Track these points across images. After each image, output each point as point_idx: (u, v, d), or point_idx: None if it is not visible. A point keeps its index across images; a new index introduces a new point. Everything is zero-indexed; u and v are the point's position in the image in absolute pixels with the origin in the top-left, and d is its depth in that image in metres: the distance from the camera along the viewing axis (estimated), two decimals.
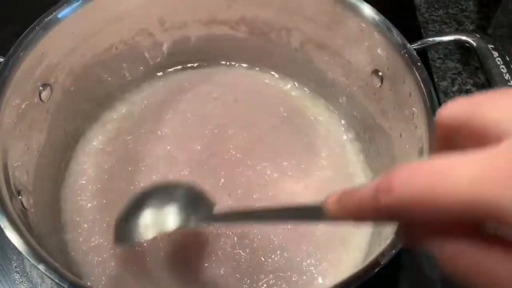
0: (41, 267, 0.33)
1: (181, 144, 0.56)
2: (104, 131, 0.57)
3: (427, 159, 0.19)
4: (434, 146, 0.22)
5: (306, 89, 0.61)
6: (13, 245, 0.50)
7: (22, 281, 0.50)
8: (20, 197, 0.42)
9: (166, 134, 0.57)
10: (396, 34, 0.47)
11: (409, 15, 0.75)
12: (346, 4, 0.50)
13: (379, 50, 0.49)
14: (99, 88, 0.57)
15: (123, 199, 0.51)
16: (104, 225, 0.50)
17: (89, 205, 0.51)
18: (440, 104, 0.47)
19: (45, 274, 0.33)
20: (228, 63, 0.63)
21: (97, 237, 0.50)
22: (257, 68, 0.63)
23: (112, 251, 0.49)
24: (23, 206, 0.41)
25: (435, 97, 0.43)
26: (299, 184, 0.53)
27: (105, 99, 0.58)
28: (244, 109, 0.59)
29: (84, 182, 0.53)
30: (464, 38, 0.45)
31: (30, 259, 0.34)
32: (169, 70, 0.62)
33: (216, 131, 0.57)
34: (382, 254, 0.34)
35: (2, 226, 0.35)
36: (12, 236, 0.35)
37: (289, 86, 0.62)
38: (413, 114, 0.45)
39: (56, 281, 0.33)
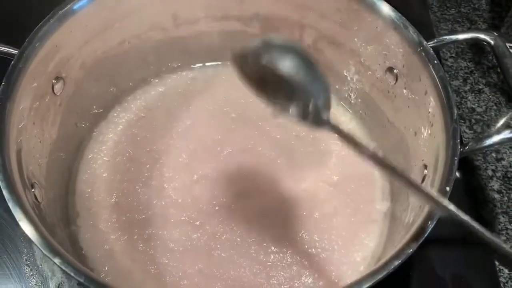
0: (56, 260, 0.33)
1: (195, 139, 0.56)
2: (115, 125, 0.57)
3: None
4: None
5: None
6: (24, 238, 0.51)
7: (32, 274, 0.50)
8: (33, 190, 0.41)
9: (178, 130, 0.57)
10: (413, 32, 0.46)
11: (421, 14, 0.74)
12: (362, 1, 0.50)
13: (394, 48, 0.49)
14: (110, 82, 0.57)
15: (136, 194, 0.52)
16: (116, 219, 0.50)
17: (101, 199, 0.51)
18: None
19: (61, 268, 0.33)
20: None
21: (109, 232, 0.50)
22: None
23: (123, 246, 0.49)
24: (36, 199, 0.41)
25: (452, 94, 0.43)
26: (312, 180, 0.53)
27: (116, 93, 0.58)
28: (256, 109, 0.58)
29: (95, 175, 0.53)
30: (482, 36, 0.44)
31: (45, 253, 0.33)
32: (182, 66, 0.61)
33: (228, 128, 0.57)
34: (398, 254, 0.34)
35: (17, 219, 0.35)
36: (28, 228, 0.35)
37: None
38: (429, 112, 0.45)
39: (72, 274, 0.32)
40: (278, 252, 0.49)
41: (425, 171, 0.44)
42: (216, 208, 0.51)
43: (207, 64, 0.62)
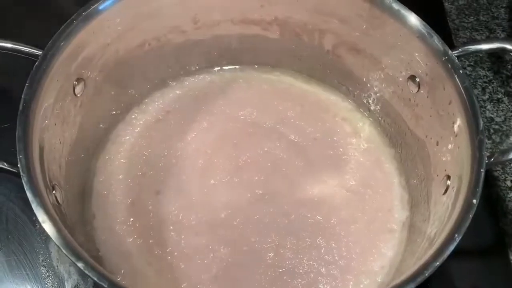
0: (80, 264, 0.33)
1: (212, 143, 0.55)
2: (133, 127, 0.56)
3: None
4: None
5: (336, 92, 0.60)
6: (41, 239, 0.51)
7: (48, 275, 0.50)
8: (54, 191, 0.41)
9: (195, 133, 0.56)
10: (437, 41, 0.46)
11: (439, 22, 0.74)
12: (385, 7, 0.49)
13: (418, 56, 0.48)
14: (129, 84, 0.57)
15: (152, 197, 0.51)
16: (132, 222, 0.50)
17: (117, 201, 0.51)
18: None
19: (85, 272, 0.32)
20: (257, 65, 0.62)
21: (125, 234, 0.49)
22: (287, 70, 0.62)
23: (139, 250, 0.49)
24: (57, 201, 0.41)
25: (477, 105, 0.42)
26: (334, 185, 0.53)
27: (135, 95, 0.58)
28: (273, 113, 0.59)
29: (112, 177, 0.53)
30: (508, 47, 0.44)
31: (69, 256, 0.33)
32: (200, 69, 0.61)
33: (245, 132, 0.57)
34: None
35: (41, 221, 0.35)
36: (51, 231, 0.34)
37: (318, 89, 0.61)
38: (453, 122, 0.44)
39: (95, 279, 0.32)
40: (295, 259, 0.49)
41: (448, 182, 0.43)
42: (233, 213, 0.51)
43: (225, 67, 0.62)
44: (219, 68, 0.62)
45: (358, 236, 0.50)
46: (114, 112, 0.56)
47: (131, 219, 0.50)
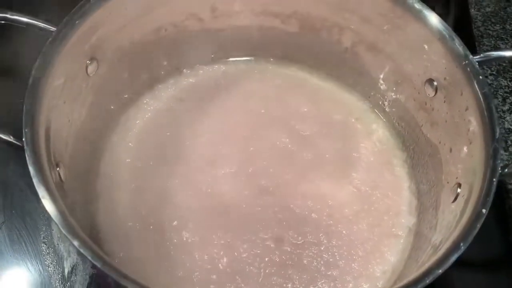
0: (75, 242, 0.32)
1: (223, 133, 0.55)
2: (144, 112, 0.56)
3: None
4: None
5: (351, 91, 0.59)
6: (43, 216, 0.51)
7: (48, 253, 0.50)
8: (58, 169, 0.41)
9: (206, 123, 0.56)
10: (459, 44, 0.45)
11: (464, 28, 0.72)
12: (407, 8, 0.48)
13: (437, 59, 0.47)
14: (143, 68, 0.56)
15: (157, 183, 0.51)
16: (135, 206, 0.50)
17: (122, 184, 0.51)
18: None
19: (79, 251, 0.32)
20: (272, 58, 0.61)
21: (127, 218, 0.49)
22: (303, 66, 0.61)
23: (139, 235, 0.48)
24: (60, 178, 0.41)
25: (494, 113, 0.41)
26: (341, 182, 0.52)
27: (148, 80, 0.58)
28: (285, 107, 0.58)
29: (119, 160, 0.53)
30: None
31: (66, 233, 0.33)
32: (215, 59, 0.60)
33: (256, 124, 0.56)
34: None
35: (40, 196, 0.35)
36: (50, 207, 0.34)
37: (333, 87, 0.60)
38: (468, 129, 0.43)
39: (89, 258, 0.32)
40: (295, 254, 0.48)
41: (459, 190, 0.42)
42: (237, 204, 0.50)
43: (240, 59, 0.61)
44: (234, 58, 0.61)
45: (361, 237, 0.49)
46: (125, 96, 0.56)
47: (134, 203, 0.50)
